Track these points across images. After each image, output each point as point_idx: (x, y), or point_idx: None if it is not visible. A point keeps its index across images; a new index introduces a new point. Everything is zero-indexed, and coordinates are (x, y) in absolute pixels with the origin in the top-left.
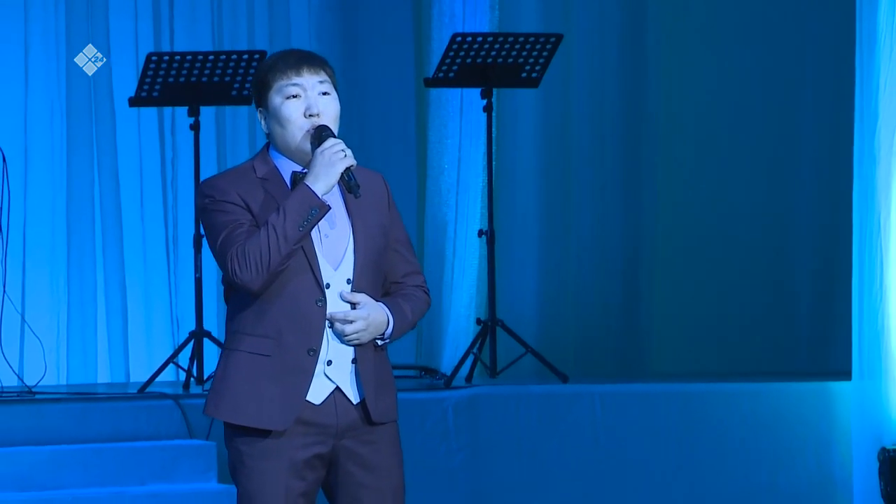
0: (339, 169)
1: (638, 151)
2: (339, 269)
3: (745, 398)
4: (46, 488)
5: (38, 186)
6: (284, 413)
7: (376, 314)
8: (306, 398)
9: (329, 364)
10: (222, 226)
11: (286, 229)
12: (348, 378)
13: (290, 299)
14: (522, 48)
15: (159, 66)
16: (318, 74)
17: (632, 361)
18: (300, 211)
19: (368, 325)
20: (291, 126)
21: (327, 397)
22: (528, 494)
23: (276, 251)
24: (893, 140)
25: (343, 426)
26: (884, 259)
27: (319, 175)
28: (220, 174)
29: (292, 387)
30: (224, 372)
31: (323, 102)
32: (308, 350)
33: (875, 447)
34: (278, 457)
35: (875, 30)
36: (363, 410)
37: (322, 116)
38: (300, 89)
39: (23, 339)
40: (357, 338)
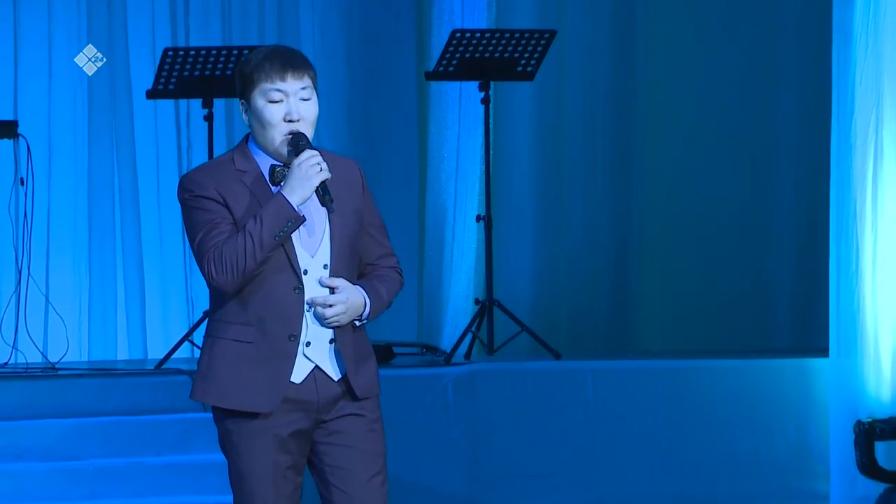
0: (315, 182)
1: (628, 141)
2: (317, 255)
3: (729, 374)
4: (69, 459)
5: (61, 175)
6: (269, 396)
7: (354, 297)
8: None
9: (308, 345)
10: (200, 225)
11: (262, 237)
12: (327, 357)
13: (269, 289)
14: (518, 43)
15: (175, 61)
16: (301, 80)
17: (621, 339)
18: (276, 222)
19: (347, 307)
20: (272, 129)
21: (307, 376)
22: (522, 464)
23: (252, 257)
24: (868, 131)
25: (324, 401)
26: (859, 244)
27: (295, 188)
28: (199, 167)
29: (276, 371)
30: (209, 358)
31: (303, 108)
32: (289, 336)
33: (851, 420)
34: (264, 435)
35: (850, 27)
36: (346, 385)
37: (301, 122)
38: (283, 94)
39: (47, 318)
40: (337, 320)
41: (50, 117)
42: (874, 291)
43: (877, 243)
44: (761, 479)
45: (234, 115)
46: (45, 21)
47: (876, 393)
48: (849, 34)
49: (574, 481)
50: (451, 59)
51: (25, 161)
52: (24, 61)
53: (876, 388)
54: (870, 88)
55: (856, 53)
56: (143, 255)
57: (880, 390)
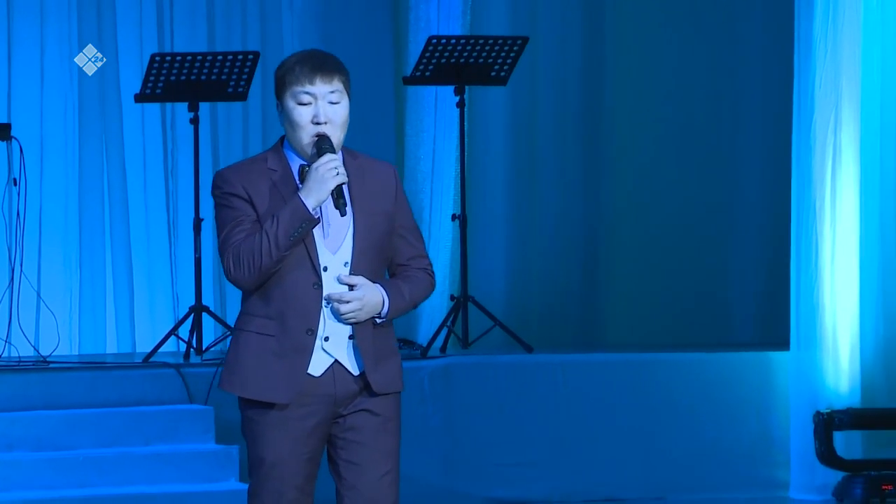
0: (330, 186)
1: (597, 143)
2: (338, 253)
3: (694, 366)
4: (60, 448)
5: (53, 175)
6: (288, 387)
7: (372, 295)
8: (308, 371)
9: (326, 340)
10: (225, 221)
11: (278, 237)
12: (345, 352)
13: (289, 283)
14: (492, 49)
15: (162, 66)
16: (329, 84)
17: (591, 333)
18: (292, 222)
19: (364, 304)
20: (300, 130)
21: (326, 370)
22: (496, 453)
23: (268, 256)
24: (827, 133)
25: (341, 395)
26: (819, 241)
27: (312, 190)
28: (231, 165)
29: (294, 363)
30: (235, 350)
31: (331, 110)
32: (307, 330)
33: (810, 411)
34: (284, 426)
35: (811, 33)
36: (364, 381)
37: (330, 123)
38: (311, 97)
39: (38, 313)
40: (353, 316)
41: (42, 120)
42: (833, 287)
43: (835, 241)
44: (725, 468)
45: (218, 118)
46: (38, 27)
47: (834, 385)
48: (809, 40)
49: (546, 470)
50: (427, 65)
51: (18, 162)
52: (18, 66)
53: (834, 380)
54: (829, 92)
55: (815, 58)
56: (132, 253)
57: (839, 382)
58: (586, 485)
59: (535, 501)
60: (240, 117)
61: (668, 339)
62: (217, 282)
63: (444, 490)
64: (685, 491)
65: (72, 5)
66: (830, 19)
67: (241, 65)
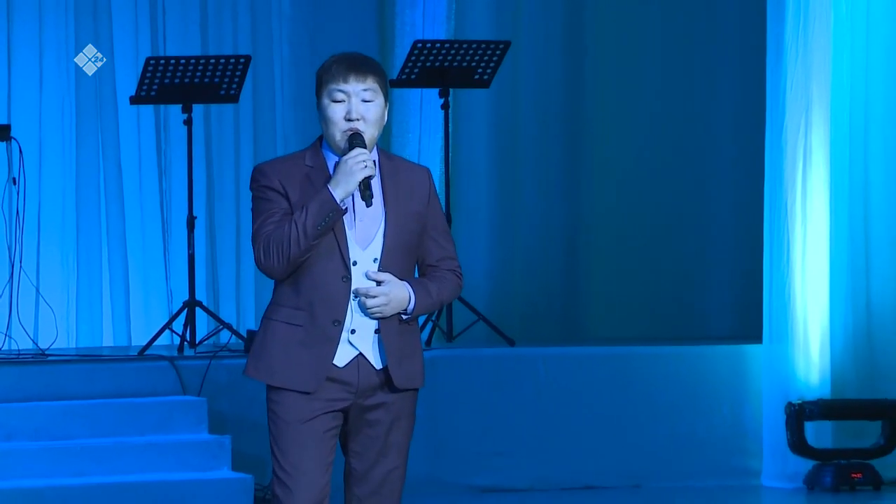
0: (358, 178)
1: (578, 144)
2: (368, 249)
3: (671, 359)
4: (57, 438)
5: (51, 175)
6: (314, 376)
7: (398, 291)
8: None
9: (353, 333)
10: (259, 213)
11: (307, 227)
12: (370, 346)
13: (319, 275)
14: (475, 53)
15: (156, 69)
16: (363, 82)
17: (571, 328)
18: (320, 212)
19: (390, 300)
20: (333, 126)
21: (350, 361)
22: (479, 442)
23: (297, 245)
24: (798, 135)
25: (363, 386)
26: (790, 239)
27: (340, 182)
28: (271, 160)
29: (320, 353)
30: (263, 338)
31: (364, 108)
32: (333, 321)
33: (782, 402)
34: (304, 412)
35: (782, 38)
36: (385, 376)
37: (363, 120)
38: (344, 95)
39: (37, 307)
40: (379, 311)
41: (41, 121)
42: (804, 283)
43: (806, 239)
44: (700, 457)
45: (211, 119)
46: (37, 31)
47: (805, 377)
48: (780, 45)
49: (527, 459)
50: (412, 68)
51: (17, 162)
52: (17, 69)
53: (805, 372)
54: (799, 95)
55: (787, 63)
56: (127, 250)
57: (809, 374)
58: (566, 473)
59: (517, 489)
60: (231, 119)
61: (646, 333)
62: (210, 277)
63: (429, 478)
64: (661, 479)
65: (69, 10)
66: (801, 25)
67: (232, 68)
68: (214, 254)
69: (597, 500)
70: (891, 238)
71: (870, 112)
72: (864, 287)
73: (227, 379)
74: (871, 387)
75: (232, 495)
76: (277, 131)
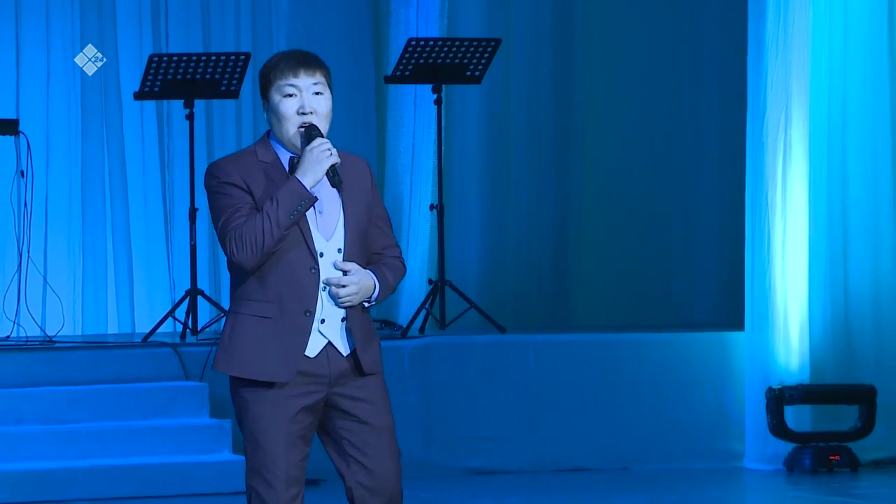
0: (325, 166)
1: (567, 137)
2: (332, 240)
3: (656, 346)
4: (64, 422)
5: (58, 168)
6: (286, 367)
7: (365, 280)
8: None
9: (322, 322)
10: (224, 209)
11: (279, 216)
12: (338, 334)
13: (287, 268)
14: (467, 50)
15: (160, 66)
16: (312, 77)
17: (561, 315)
18: (291, 201)
19: (359, 289)
20: (286, 121)
21: (321, 351)
22: (472, 426)
23: (270, 235)
24: (779, 130)
25: (335, 375)
26: (771, 230)
27: (307, 170)
28: (225, 157)
29: (292, 344)
30: (231, 333)
31: (315, 101)
32: (304, 311)
33: (763, 387)
34: (279, 405)
35: (763, 36)
36: (353, 361)
37: (314, 114)
38: (296, 89)
39: (45, 296)
40: (350, 300)
41: (48, 116)
42: (784, 273)
43: (786, 230)
44: (684, 440)
45: (213, 114)
46: (44, 29)
47: (785, 362)
48: (761, 43)
49: (518, 442)
50: (406, 65)
51: (25, 155)
52: (25, 65)
53: (785, 358)
54: (780, 91)
55: (767, 60)
56: (131, 240)
57: (789, 360)
58: (555, 456)
59: (508, 471)
60: (232, 114)
61: (633, 320)
62: (211, 267)
63: (423, 461)
64: (647, 462)
65: (75, 9)
66: (781, 24)
67: (233, 65)
68: (215, 244)
69: (585, 481)
70: (868, 229)
71: (847, 108)
72: (841, 276)
73: None
74: (849, 372)
75: (232, 477)
76: None
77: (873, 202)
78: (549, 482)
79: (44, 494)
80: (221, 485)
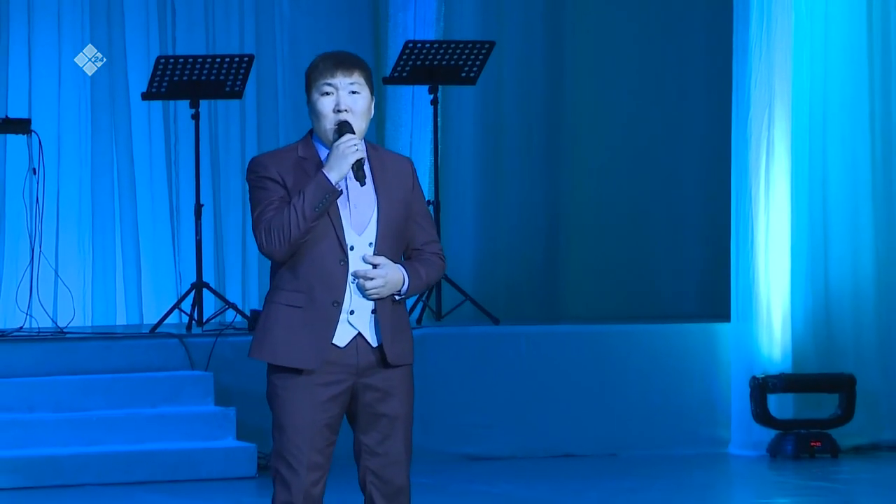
0: (350, 161)
1: (558, 136)
2: (364, 234)
3: (645, 337)
4: (76, 410)
5: (69, 165)
6: (314, 355)
7: (393, 274)
8: (332, 342)
9: (352, 314)
10: (259, 201)
11: (304, 209)
12: (368, 325)
13: (318, 260)
14: (462, 53)
15: (166, 67)
16: (349, 76)
17: (551, 307)
18: (317, 194)
19: (386, 282)
20: (323, 119)
21: (350, 341)
22: (467, 414)
23: (296, 227)
24: (762, 129)
25: (363, 365)
26: (755, 225)
27: (333, 165)
28: (266, 153)
29: (320, 333)
30: (265, 321)
31: (351, 100)
32: (333, 302)
33: (747, 376)
34: (308, 392)
35: (747, 39)
36: (381, 353)
37: (350, 112)
38: (332, 88)
39: (56, 288)
40: (376, 293)
41: (59, 116)
42: (767, 267)
43: (769, 225)
44: (672, 427)
45: (217, 114)
46: (56, 32)
47: (768, 353)
48: (745, 45)
49: (511, 429)
50: (404, 67)
51: (37, 154)
52: (37, 67)
53: (769, 348)
54: (763, 92)
55: (751, 61)
56: (139, 235)
57: (772, 350)
58: (547, 443)
59: (501, 457)
60: (237, 113)
61: (622, 312)
62: (216, 260)
63: (421, 448)
64: (636, 448)
65: (84, 13)
66: (764, 26)
67: (237, 66)
68: (220, 239)
69: (575, 467)
70: (847, 224)
71: (828, 107)
72: (822, 270)
73: (233, 355)
74: (829, 362)
75: (236, 462)
76: (279, 125)
77: (853, 198)
78: (541, 468)
79: (57, 479)
80: (226, 470)
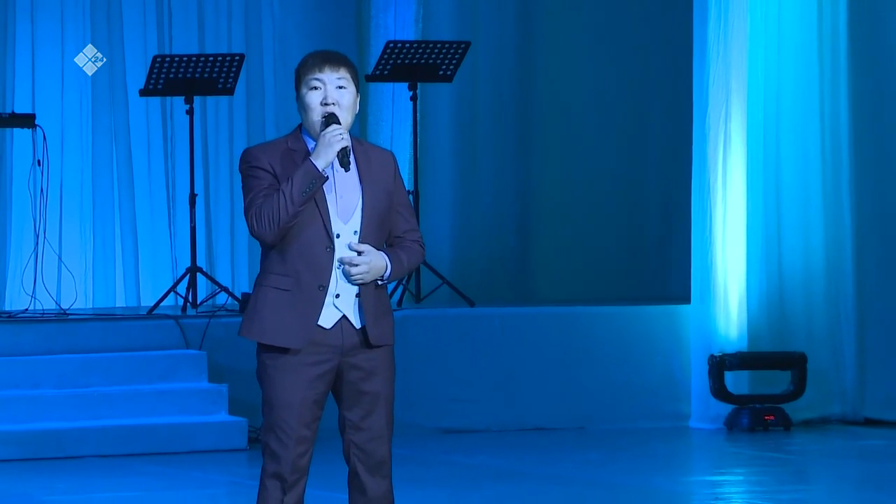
0: (336, 149)
1: (528, 128)
2: (349, 223)
3: (611, 317)
4: (77, 387)
5: (71, 157)
6: (301, 335)
7: (377, 260)
8: (318, 323)
9: (337, 297)
10: (250, 189)
11: (293, 194)
12: (352, 308)
13: (305, 245)
14: (440, 52)
15: (163, 65)
16: (336, 72)
17: (524, 290)
18: (304, 180)
19: (370, 268)
20: (311, 112)
21: (335, 323)
22: (444, 391)
23: (285, 211)
24: (720, 123)
25: (347, 346)
26: (713, 213)
27: (320, 153)
28: (257, 145)
29: (307, 315)
30: (255, 302)
31: (338, 94)
32: (318, 286)
33: (706, 354)
34: (295, 370)
35: (705, 37)
36: (364, 334)
37: (337, 105)
38: (320, 83)
39: (59, 273)
40: (361, 278)
41: (62, 111)
42: (724, 251)
43: (726, 212)
44: (636, 403)
45: (208, 109)
46: (59, 31)
47: (725, 332)
48: (704, 43)
49: (486, 404)
50: (385, 65)
51: (42, 147)
52: (40, 64)
53: (725, 328)
54: (720, 88)
55: (710, 60)
56: (137, 223)
57: (729, 330)
58: (519, 417)
59: (476, 430)
60: (227, 109)
61: (590, 294)
62: (207, 246)
63: (401, 422)
64: (602, 422)
65: (86, 13)
66: (721, 27)
67: (228, 64)
68: (213, 226)
69: (546, 439)
70: (799, 212)
71: (781, 103)
72: (776, 254)
73: (225, 335)
74: (782, 341)
75: (229, 436)
76: (267, 119)
77: (804, 188)
78: (515, 440)
79: (60, 452)
80: (219, 442)
